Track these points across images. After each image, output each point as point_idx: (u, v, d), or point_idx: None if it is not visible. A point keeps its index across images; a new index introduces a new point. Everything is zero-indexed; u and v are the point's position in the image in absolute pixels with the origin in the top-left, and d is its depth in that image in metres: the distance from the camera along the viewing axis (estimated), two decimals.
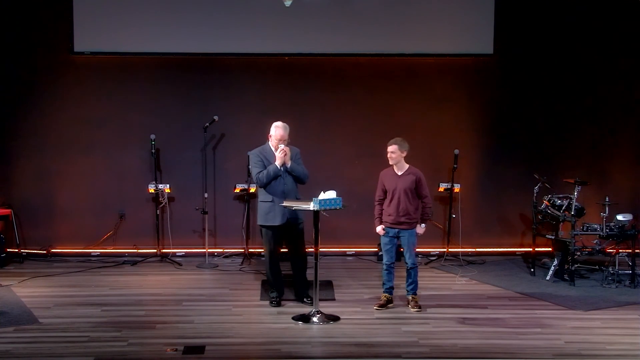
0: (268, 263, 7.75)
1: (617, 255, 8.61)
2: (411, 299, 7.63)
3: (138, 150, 10.00)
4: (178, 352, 6.33)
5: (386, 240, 7.65)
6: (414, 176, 7.56)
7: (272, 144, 7.68)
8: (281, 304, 7.69)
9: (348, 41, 9.94)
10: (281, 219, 7.55)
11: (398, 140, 7.54)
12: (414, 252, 7.65)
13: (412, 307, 7.55)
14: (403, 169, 7.60)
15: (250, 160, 7.87)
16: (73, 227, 10.02)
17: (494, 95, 10.28)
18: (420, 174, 7.61)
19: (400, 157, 7.55)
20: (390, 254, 7.63)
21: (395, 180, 7.58)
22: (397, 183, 7.56)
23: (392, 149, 7.52)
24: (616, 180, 10.23)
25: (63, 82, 9.96)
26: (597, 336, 6.83)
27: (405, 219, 7.54)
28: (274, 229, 7.62)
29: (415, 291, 7.67)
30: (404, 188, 7.52)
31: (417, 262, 7.72)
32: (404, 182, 7.54)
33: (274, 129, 7.68)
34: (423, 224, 7.66)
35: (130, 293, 8.25)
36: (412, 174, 7.58)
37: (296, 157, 7.74)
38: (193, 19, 9.86)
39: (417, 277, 7.67)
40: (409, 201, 7.53)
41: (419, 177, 7.57)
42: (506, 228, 10.33)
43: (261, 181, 7.59)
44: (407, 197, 7.53)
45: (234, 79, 10.11)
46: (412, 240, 7.60)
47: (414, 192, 7.56)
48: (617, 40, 10.13)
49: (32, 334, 6.79)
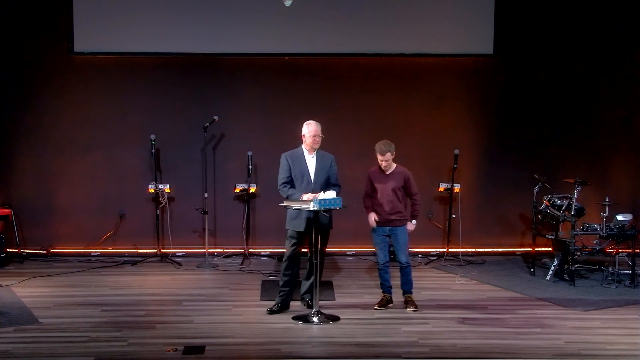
0: (285, 266, 7.51)
1: (617, 255, 8.61)
2: (407, 298, 7.63)
3: (138, 150, 10.00)
4: (178, 352, 6.32)
5: (378, 239, 7.63)
6: (403, 174, 7.60)
7: (307, 142, 7.45)
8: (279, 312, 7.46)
9: (348, 41, 9.94)
10: (306, 226, 7.35)
11: (386, 145, 7.47)
12: (407, 251, 7.64)
13: (409, 307, 7.54)
14: (391, 168, 7.61)
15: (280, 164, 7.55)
16: (73, 227, 10.02)
17: (494, 95, 10.28)
18: (408, 172, 7.64)
19: (391, 161, 7.56)
20: (384, 253, 7.61)
21: (384, 178, 7.59)
22: (386, 181, 7.57)
23: (386, 157, 7.48)
24: (616, 180, 10.23)
25: (63, 82, 9.96)
26: (597, 336, 6.83)
27: (395, 216, 7.56)
28: (298, 233, 7.46)
29: (411, 290, 7.66)
30: (393, 187, 7.54)
31: (410, 261, 7.71)
32: (393, 181, 7.55)
33: (306, 126, 7.45)
34: (414, 220, 7.69)
35: (130, 293, 8.25)
36: (400, 172, 7.61)
37: (331, 165, 7.54)
38: (193, 19, 9.86)
39: (411, 276, 7.66)
40: (399, 199, 7.56)
41: (408, 175, 7.62)
42: (506, 228, 10.33)
43: (282, 193, 7.43)
44: (397, 196, 7.55)
45: (234, 79, 10.11)
46: (404, 238, 7.60)
47: (402, 190, 7.60)
48: (617, 40, 10.13)
49: (32, 334, 6.78)
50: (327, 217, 7.35)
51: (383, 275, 7.65)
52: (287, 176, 7.45)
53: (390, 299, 7.66)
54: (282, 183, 7.45)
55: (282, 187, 7.44)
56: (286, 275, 7.51)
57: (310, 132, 7.42)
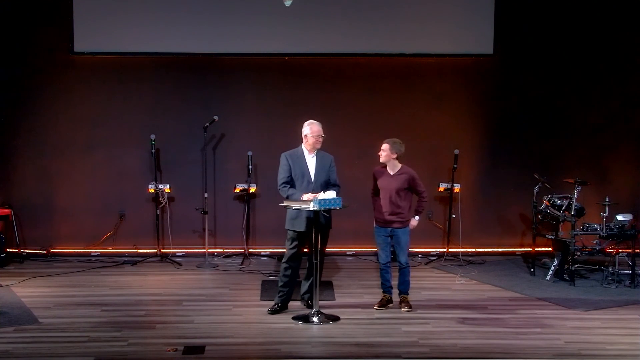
0: (285, 267, 7.50)
1: (617, 255, 8.61)
2: (402, 299, 7.62)
3: (138, 150, 10.00)
4: (178, 352, 6.32)
5: (380, 239, 7.63)
6: (407, 175, 7.54)
7: (309, 142, 7.42)
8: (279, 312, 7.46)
9: (348, 41, 9.94)
10: (306, 226, 7.34)
11: (392, 141, 7.51)
12: (407, 252, 7.62)
13: (403, 308, 7.53)
14: (395, 169, 7.57)
15: (280, 163, 7.52)
16: (73, 227, 10.02)
17: (494, 95, 10.28)
18: (413, 172, 7.60)
19: (390, 157, 7.51)
20: (385, 253, 7.61)
21: (387, 179, 7.58)
22: (389, 182, 7.55)
23: (384, 147, 7.50)
24: (616, 180, 10.23)
25: (63, 82, 9.96)
26: (597, 336, 6.83)
27: (397, 217, 7.53)
28: (298, 234, 7.44)
29: (407, 291, 7.64)
30: (396, 188, 7.51)
31: (409, 262, 7.68)
32: (397, 182, 7.53)
33: (309, 127, 7.41)
34: (417, 216, 7.65)
35: (130, 293, 8.24)
36: (405, 173, 7.56)
37: (331, 165, 7.53)
38: (193, 19, 9.86)
39: (409, 276, 7.64)
40: (400, 200, 7.52)
41: (412, 175, 7.57)
42: (506, 228, 10.33)
43: (282, 193, 7.40)
44: (399, 197, 7.51)
45: (234, 79, 10.12)
46: (405, 239, 7.58)
47: (405, 191, 7.54)
48: (617, 39, 10.13)
49: (32, 334, 6.78)
50: (328, 217, 7.35)
51: (384, 275, 7.65)
52: (287, 176, 7.43)
53: (390, 299, 7.66)
54: (282, 183, 7.43)
55: (282, 187, 7.43)
56: (286, 276, 7.49)
57: (313, 133, 7.40)
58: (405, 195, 7.57)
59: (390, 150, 7.50)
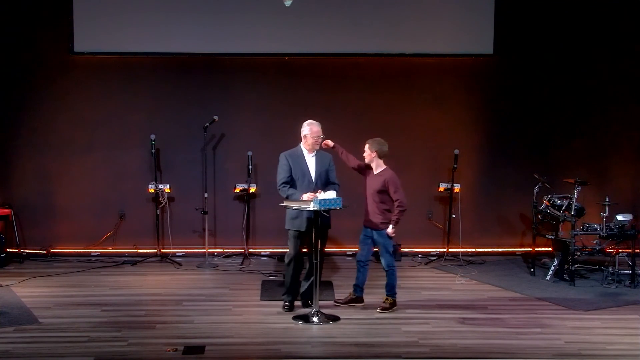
0: (290, 267, 7.50)
1: (617, 255, 8.62)
2: (383, 299, 7.56)
3: (138, 150, 10.00)
4: (178, 352, 6.33)
5: (361, 236, 7.59)
6: (384, 177, 7.39)
7: (308, 143, 7.42)
8: (293, 308, 7.51)
9: (348, 41, 9.94)
10: (307, 226, 7.33)
11: (372, 140, 7.46)
12: (389, 254, 7.48)
13: (378, 307, 7.48)
14: (378, 169, 7.49)
15: (279, 163, 7.52)
16: (73, 227, 10.02)
17: (494, 95, 10.28)
18: (390, 175, 7.39)
19: (371, 157, 7.45)
20: (362, 251, 7.57)
21: (370, 179, 7.53)
22: (370, 183, 7.51)
23: (365, 147, 7.48)
24: (616, 180, 10.24)
25: (63, 82, 9.97)
26: (597, 336, 6.83)
27: (374, 219, 7.44)
28: (300, 233, 7.44)
29: (392, 293, 7.51)
30: (373, 189, 7.45)
31: (393, 264, 7.52)
32: (374, 183, 7.45)
33: (308, 127, 7.40)
34: (391, 226, 7.39)
35: (130, 293, 8.25)
36: (382, 175, 7.43)
37: (330, 164, 7.53)
38: (193, 19, 9.86)
39: (393, 280, 7.49)
40: (377, 203, 7.41)
41: (387, 178, 7.37)
42: (506, 228, 10.33)
43: (282, 193, 7.39)
44: (374, 199, 7.42)
45: (234, 79, 10.12)
46: (382, 241, 7.45)
47: (383, 194, 7.41)
48: (617, 39, 10.14)
49: (32, 334, 6.78)
50: (327, 217, 7.35)
51: (357, 272, 7.63)
52: (287, 176, 7.42)
53: (356, 298, 7.63)
54: (281, 183, 7.42)
55: (282, 187, 7.42)
56: (295, 276, 7.51)
57: (313, 133, 7.41)
58: (382, 198, 7.41)
59: (370, 148, 7.44)
